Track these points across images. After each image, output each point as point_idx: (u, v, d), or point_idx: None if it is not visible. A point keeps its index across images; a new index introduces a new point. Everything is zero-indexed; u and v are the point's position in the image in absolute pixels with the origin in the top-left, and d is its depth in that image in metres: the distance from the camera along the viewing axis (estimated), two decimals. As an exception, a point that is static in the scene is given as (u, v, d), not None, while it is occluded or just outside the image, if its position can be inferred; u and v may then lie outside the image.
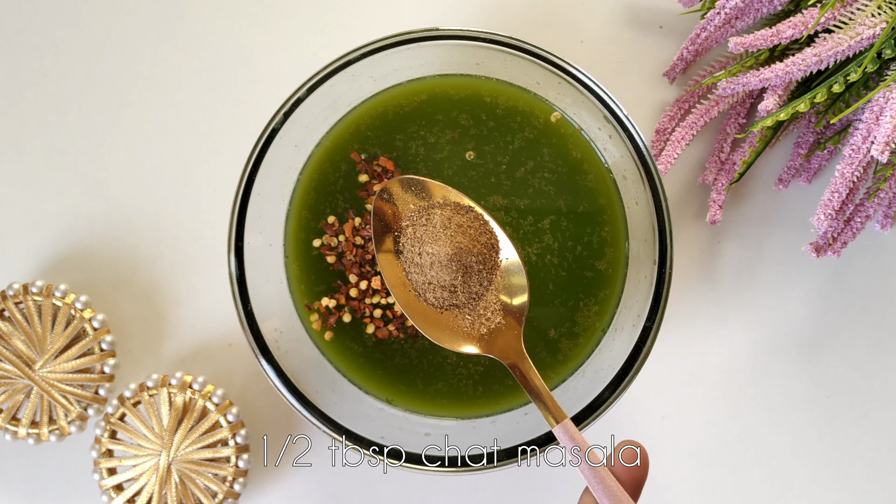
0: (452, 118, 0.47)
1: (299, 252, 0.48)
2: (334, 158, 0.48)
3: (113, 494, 0.49)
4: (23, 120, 0.55)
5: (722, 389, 0.53)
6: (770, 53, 0.51)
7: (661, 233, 0.43)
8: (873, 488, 0.52)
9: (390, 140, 0.48)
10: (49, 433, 0.50)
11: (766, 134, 0.51)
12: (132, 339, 0.53)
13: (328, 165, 0.48)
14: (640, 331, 0.42)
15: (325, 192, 0.48)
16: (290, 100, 0.44)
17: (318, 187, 0.48)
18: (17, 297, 0.51)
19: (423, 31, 0.44)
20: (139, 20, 0.55)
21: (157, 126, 0.55)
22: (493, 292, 0.44)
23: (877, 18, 0.46)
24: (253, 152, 0.44)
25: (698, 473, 0.52)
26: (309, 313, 0.47)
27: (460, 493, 0.52)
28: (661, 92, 0.55)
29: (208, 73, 0.55)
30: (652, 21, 0.55)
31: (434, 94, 0.48)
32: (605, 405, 0.42)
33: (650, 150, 0.44)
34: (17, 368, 0.50)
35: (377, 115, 0.48)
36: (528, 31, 0.55)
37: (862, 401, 0.53)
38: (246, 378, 0.53)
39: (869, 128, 0.47)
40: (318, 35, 0.55)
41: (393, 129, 0.48)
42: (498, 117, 0.47)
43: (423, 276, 0.44)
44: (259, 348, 0.43)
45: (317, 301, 0.47)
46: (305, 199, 0.48)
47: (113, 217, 0.54)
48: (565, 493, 0.52)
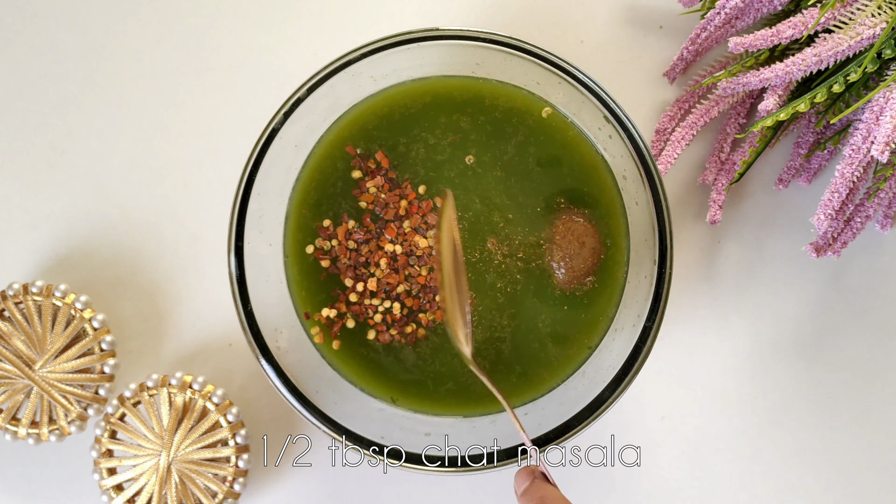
0: (453, 120, 0.47)
1: (298, 253, 0.48)
2: (334, 157, 0.48)
3: (113, 494, 0.49)
4: (23, 120, 0.55)
5: (722, 389, 0.53)
6: (770, 53, 0.51)
7: (660, 233, 0.43)
8: (873, 488, 0.52)
9: (389, 139, 0.48)
10: (49, 433, 0.50)
11: (766, 134, 0.51)
12: (132, 339, 0.53)
13: (328, 165, 0.48)
14: (640, 331, 0.42)
15: (325, 192, 0.48)
16: (291, 100, 0.44)
17: (318, 187, 0.48)
18: (17, 297, 0.51)
19: (423, 31, 0.44)
20: (139, 20, 0.55)
21: (157, 126, 0.55)
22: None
23: (877, 18, 0.46)
24: (253, 152, 0.44)
25: (698, 473, 0.52)
26: (310, 324, 0.47)
27: (460, 493, 0.52)
28: (661, 92, 0.55)
29: (208, 73, 0.55)
30: (652, 21, 0.55)
31: (435, 94, 0.48)
32: (605, 405, 0.42)
33: (650, 150, 0.44)
34: (18, 368, 0.50)
35: (377, 114, 0.48)
36: (529, 31, 0.55)
37: (862, 401, 0.53)
38: (246, 378, 0.53)
39: (869, 128, 0.47)
40: (318, 35, 0.55)
41: (393, 129, 0.48)
42: (497, 120, 0.47)
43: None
44: (259, 348, 0.43)
45: (317, 312, 0.47)
46: (305, 199, 0.48)
47: (113, 217, 0.54)
48: (565, 493, 0.52)
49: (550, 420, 0.43)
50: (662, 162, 0.51)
